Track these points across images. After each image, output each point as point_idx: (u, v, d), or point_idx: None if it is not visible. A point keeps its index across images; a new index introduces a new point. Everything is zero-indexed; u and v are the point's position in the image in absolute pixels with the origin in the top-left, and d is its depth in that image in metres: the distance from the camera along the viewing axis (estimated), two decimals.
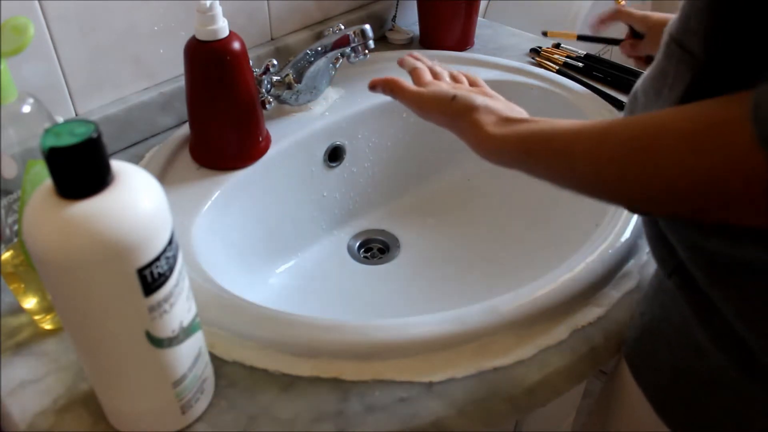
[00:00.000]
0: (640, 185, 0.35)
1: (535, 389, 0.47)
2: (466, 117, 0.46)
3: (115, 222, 0.33)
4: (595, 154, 0.37)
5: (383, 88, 0.54)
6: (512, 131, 0.43)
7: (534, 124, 0.43)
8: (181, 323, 0.39)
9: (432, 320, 0.49)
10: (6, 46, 0.44)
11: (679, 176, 0.32)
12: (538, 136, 0.41)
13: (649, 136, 0.34)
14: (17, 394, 0.46)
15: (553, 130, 0.40)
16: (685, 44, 0.36)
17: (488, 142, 0.44)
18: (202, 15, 0.59)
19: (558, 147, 0.39)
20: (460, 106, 0.47)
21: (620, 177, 0.35)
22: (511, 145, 0.43)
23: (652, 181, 0.34)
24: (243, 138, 0.65)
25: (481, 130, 0.45)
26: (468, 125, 0.46)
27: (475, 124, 0.46)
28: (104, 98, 0.68)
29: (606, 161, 0.36)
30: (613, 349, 0.50)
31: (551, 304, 0.50)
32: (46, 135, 0.32)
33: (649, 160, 0.33)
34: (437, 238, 0.77)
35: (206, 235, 0.59)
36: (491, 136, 0.44)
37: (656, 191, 0.34)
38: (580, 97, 0.75)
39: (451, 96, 0.48)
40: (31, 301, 0.50)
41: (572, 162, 0.38)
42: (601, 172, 0.36)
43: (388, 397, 0.45)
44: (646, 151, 0.34)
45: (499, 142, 0.44)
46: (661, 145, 0.33)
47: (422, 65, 0.56)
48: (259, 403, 0.45)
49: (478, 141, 0.45)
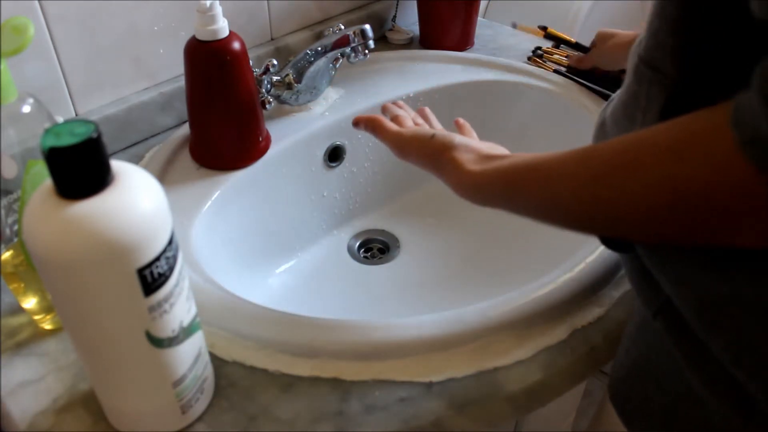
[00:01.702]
0: (625, 204, 0.33)
1: (535, 389, 0.47)
2: (445, 155, 0.46)
3: (115, 222, 0.33)
4: (577, 176, 0.35)
5: (365, 126, 0.55)
6: (492, 167, 0.42)
7: (515, 158, 0.42)
8: (181, 323, 0.39)
9: (432, 320, 0.49)
10: (6, 46, 0.44)
11: (663, 190, 0.31)
12: (519, 168, 0.40)
13: (632, 151, 0.33)
14: (17, 394, 0.46)
15: (534, 161, 0.39)
16: (655, 64, 0.35)
17: (467, 178, 0.44)
18: (202, 15, 0.59)
19: (539, 176, 0.38)
20: (439, 144, 0.47)
21: (604, 197, 0.34)
22: (491, 180, 0.42)
23: (636, 198, 0.32)
24: (243, 138, 0.65)
25: (460, 168, 0.44)
26: (447, 163, 0.45)
27: (454, 161, 0.45)
28: (104, 98, 0.68)
29: (588, 181, 0.35)
30: (613, 349, 0.50)
31: (551, 304, 0.50)
32: (46, 135, 0.32)
33: (633, 176, 0.32)
34: (437, 238, 0.77)
35: (206, 235, 0.59)
36: (470, 172, 0.43)
37: (642, 209, 0.32)
38: (580, 97, 0.75)
39: (430, 134, 0.48)
40: (31, 301, 0.50)
41: (554, 188, 0.37)
42: (584, 194, 0.35)
43: (388, 397, 0.45)
44: (629, 167, 0.33)
45: (479, 179, 0.43)
46: (644, 159, 0.32)
47: (405, 114, 0.57)
48: (259, 403, 0.45)
49: (457, 178, 0.45)
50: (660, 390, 0.42)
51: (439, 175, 0.47)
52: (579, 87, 0.77)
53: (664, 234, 0.34)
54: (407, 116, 0.56)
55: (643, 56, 0.36)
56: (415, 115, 0.58)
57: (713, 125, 0.29)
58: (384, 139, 0.52)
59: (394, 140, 0.51)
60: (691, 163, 0.30)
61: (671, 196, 0.31)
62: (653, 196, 0.32)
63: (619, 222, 0.35)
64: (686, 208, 0.31)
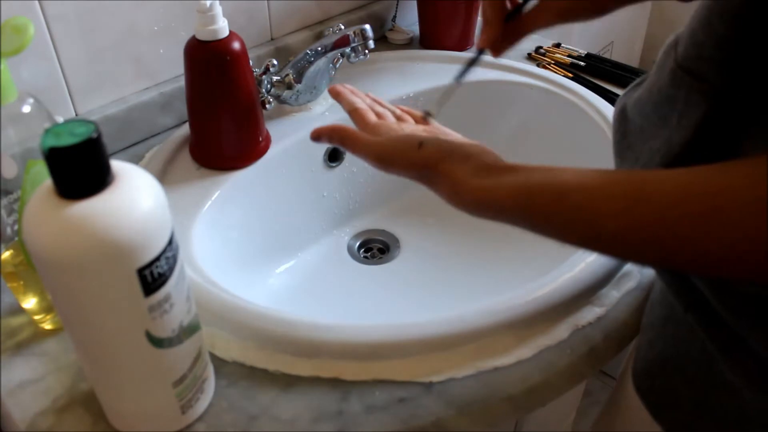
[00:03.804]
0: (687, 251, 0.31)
1: (535, 389, 0.47)
2: (438, 167, 0.40)
3: (115, 222, 0.33)
4: (625, 213, 0.32)
5: (330, 139, 0.47)
6: (500, 185, 0.38)
7: (523, 174, 0.38)
8: (181, 323, 0.39)
9: (432, 320, 0.49)
10: (6, 46, 0.44)
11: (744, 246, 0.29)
12: (539, 192, 0.36)
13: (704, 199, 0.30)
14: (17, 394, 0.46)
15: (555, 184, 0.35)
16: (698, 74, 0.34)
17: (470, 195, 0.39)
18: (202, 15, 0.59)
19: (569, 205, 0.34)
20: (429, 154, 0.41)
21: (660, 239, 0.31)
22: (500, 201, 0.37)
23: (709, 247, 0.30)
24: (243, 138, 0.65)
25: (458, 183, 0.39)
26: (441, 176, 0.40)
27: (450, 174, 0.40)
28: (104, 98, 0.68)
29: (644, 224, 0.32)
30: (613, 349, 0.50)
31: (551, 304, 0.50)
32: (46, 135, 0.32)
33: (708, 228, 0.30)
34: (437, 238, 0.77)
35: (206, 235, 0.59)
36: (473, 189, 0.39)
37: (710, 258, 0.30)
38: (580, 97, 0.75)
39: (417, 143, 0.42)
40: (31, 301, 0.50)
41: (595, 221, 0.33)
42: (636, 235, 0.32)
43: (388, 397, 0.45)
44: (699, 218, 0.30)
45: (486, 198, 0.38)
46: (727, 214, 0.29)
47: (362, 104, 0.50)
48: (259, 403, 0.45)
49: (455, 196, 0.40)
50: (689, 382, 0.41)
51: (433, 188, 0.42)
52: (580, 86, 0.77)
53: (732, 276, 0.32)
54: (366, 108, 0.50)
55: (683, 64, 0.35)
56: (371, 102, 0.51)
57: None
58: (357, 153, 0.45)
59: (372, 153, 0.44)
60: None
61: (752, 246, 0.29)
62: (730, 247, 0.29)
63: (677, 264, 0.33)
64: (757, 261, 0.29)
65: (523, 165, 0.39)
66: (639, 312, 0.52)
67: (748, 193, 0.28)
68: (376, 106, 0.52)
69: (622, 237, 0.33)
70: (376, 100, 0.54)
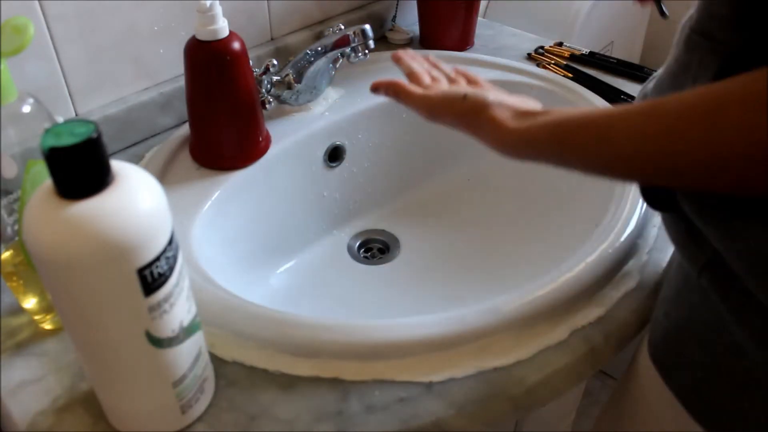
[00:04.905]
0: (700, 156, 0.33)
1: (535, 389, 0.47)
2: (481, 114, 0.45)
3: (115, 222, 0.33)
4: (644, 131, 0.35)
5: (386, 91, 0.53)
6: (536, 123, 0.42)
7: (556, 113, 0.42)
8: (181, 323, 0.39)
9: (432, 320, 0.49)
10: (6, 46, 0.44)
11: (747, 140, 0.31)
12: (569, 125, 0.40)
13: (709, 102, 0.32)
14: (17, 394, 0.46)
15: (587, 116, 0.39)
16: (709, 33, 0.36)
17: (510, 136, 0.43)
18: (202, 15, 0.59)
19: (598, 131, 0.38)
20: (472, 104, 0.46)
21: (674, 151, 0.34)
22: (537, 137, 0.42)
23: (715, 148, 0.32)
24: (243, 138, 0.65)
25: (500, 126, 0.44)
26: (484, 122, 0.45)
27: (492, 120, 0.44)
28: (104, 98, 0.68)
29: (659, 135, 0.34)
30: (613, 349, 0.50)
31: (551, 304, 0.50)
32: (46, 135, 0.32)
33: (713, 127, 0.32)
34: (437, 238, 0.77)
35: (206, 235, 0.59)
36: (513, 130, 0.43)
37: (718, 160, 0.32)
38: (580, 96, 0.75)
39: (462, 95, 0.47)
40: (31, 301, 0.50)
41: (616, 143, 0.37)
42: (651, 149, 0.35)
43: (388, 397, 0.45)
44: (707, 118, 0.32)
45: (524, 136, 0.42)
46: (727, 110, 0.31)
47: (419, 67, 0.55)
48: (259, 403, 0.45)
49: (498, 137, 0.44)
50: (702, 348, 0.43)
51: (476, 135, 0.46)
52: (580, 86, 0.77)
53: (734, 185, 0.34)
54: (422, 71, 0.55)
55: (696, 27, 0.37)
56: (429, 67, 0.56)
57: None
58: (410, 105, 0.51)
59: (423, 104, 0.50)
60: None
61: (754, 146, 0.31)
62: (734, 146, 0.32)
63: (685, 174, 0.35)
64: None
65: (551, 109, 0.43)
66: (639, 312, 0.52)
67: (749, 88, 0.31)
68: (433, 70, 0.56)
69: (639, 153, 0.36)
70: (434, 63, 0.57)
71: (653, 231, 0.59)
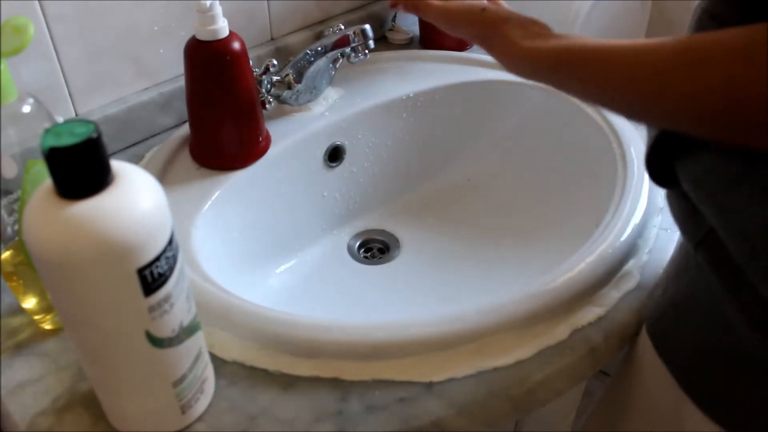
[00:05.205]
0: (683, 102, 0.34)
1: (535, 389, 0.47)
2: (497, 29, 0.47)
3: (115, 222, 0.33)
4: (634, 67, 0.37)
5: (405, 5, 0.54)
6: (545, 46, 0.44)
7: (565, 40, 0.43)
8: (181, 323, 0.39)
9: (432, 320, 0.49)
10: (6, 46, 0.44)
11: (727, 92, 0.32)
12: (574, 50, 0.41)
13: (698, 50, 0.34)
14: (17, 394, 0.46)
15: (592, 45, 0.40)
16: (719, 16, 0.37)
17: (517, 54, 0.45)
18: (202, 15, 0.59)
19: (596, 61, 0.39)
20: (491, 17, 0.48)
21: (660, 93, 0.35)
22: (542, 57, 0.44)
23: (698, 97, 0.33)
24: (243, 138, 0.65)
25: (511, 43, 0.46)
26: (498, 37, 0.47)
27: (506, 36, 0.46)
28: (104, 98, 0.68)
29: (648, 74, 0.36)
30: (613, 349, 0.50)
31: (551, 304, 0.50)
32: (46, 135, 0.32)
33: (697, 74, 0.33)
34: (437, 237, 0.77)
35: (206, 235, 0.59)
36: (523, 49, 0.45)
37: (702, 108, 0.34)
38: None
39: (481, 8, 0.49)
40: (31, 301, 0.50)
41: (608, 75, 0.38)
42: (639, 86, 0.37)
43: (388, 397, 0.45)
44: (694, 66, 0.33)
45: (529, 55, 0.44)
46: (713, 59, 0.33)
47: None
48: (259, 403, 0.45)
49: (506, 53, 0.46)
50: (694, 323, 0.44)
51: (488, 47, 0.48)
52: None
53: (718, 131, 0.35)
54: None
55: (708, 8, 0.38)
56: None
57: None
58: (428, 15, 0.53)
59: (442, 14, 0.51)
60: (759, 65, 0.31)
61: (733, 97, 0.32)
62: (714, 95, 0.33)
63: (670, 116, 0.36)
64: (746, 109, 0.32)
65: (564, 33, 0.44)
66: (639, 312, 0.52)
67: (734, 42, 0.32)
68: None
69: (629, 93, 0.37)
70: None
71: (653, 231, 0.59)
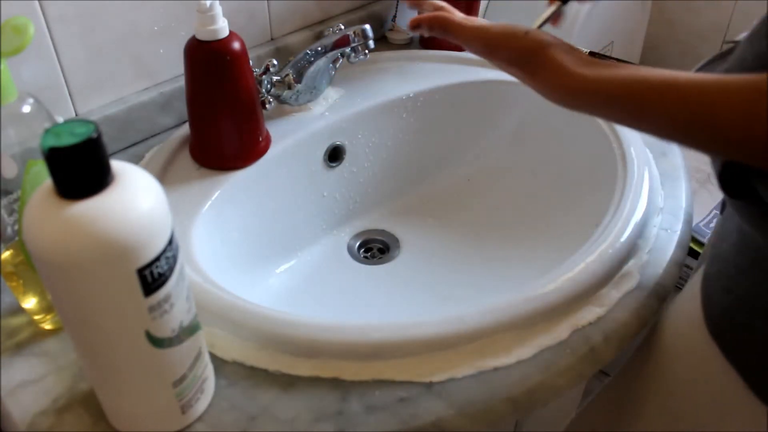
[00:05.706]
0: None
1: (535, 389, 0.47)
2: (544, 51, 0.43)
3: (115, 222, 0.33)
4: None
5: (430, 26, 0.48)
6: (608, 74, 0.40)
7: (626, 68, 0.40)
8: (181, 323, 0.39)
9: (432, 320, 0.49)
10: (6, 46, 0.44)
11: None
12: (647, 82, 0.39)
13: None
14: (17, 394, 0.46)
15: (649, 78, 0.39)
16: None
17: (575, 82, 0.41)
18: (202, 15, 0.59)
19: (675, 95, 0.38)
20: (535, 40, 0.43)
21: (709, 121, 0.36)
22: (607, 89, 0.40)
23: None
24: (243, 138, 0.65)
25: (564, 70, 0.42)
26: (548, 61, 0.42)
27: (554, 61, 0.42)
28: (104, 98, 0.68)
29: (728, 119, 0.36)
30: (613, 349, 0.50)
31: (551, 304, 0.50)
32: (46, 135, 0.32)
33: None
34: (437, 238, 0.77)
35: (206, 235, 0.59)
36: (579, 76, 0.41)
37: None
38: None
39: (524, 30, 0.44)
40: (31, 300, 0.50)
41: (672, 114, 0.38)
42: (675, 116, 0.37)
43: (388, 397, 0.45)
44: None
45: (592, 85, 0.41)
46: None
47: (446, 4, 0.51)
48: (259, 403, 0.45)
49: (559, 81, 0.42)
50: (765, 319, 0.43)
51: (532, 76, 0.44)
52: None
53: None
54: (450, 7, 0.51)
55: None
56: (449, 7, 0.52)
57: None
58: (462, 38, 0.47)
59: (479, 37, 0.46)
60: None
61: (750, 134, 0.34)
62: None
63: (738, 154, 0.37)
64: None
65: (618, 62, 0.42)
66: (639, 312, 0.52)
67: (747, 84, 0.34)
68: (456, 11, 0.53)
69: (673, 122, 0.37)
70: None
71: (653, 231, 0.59)
